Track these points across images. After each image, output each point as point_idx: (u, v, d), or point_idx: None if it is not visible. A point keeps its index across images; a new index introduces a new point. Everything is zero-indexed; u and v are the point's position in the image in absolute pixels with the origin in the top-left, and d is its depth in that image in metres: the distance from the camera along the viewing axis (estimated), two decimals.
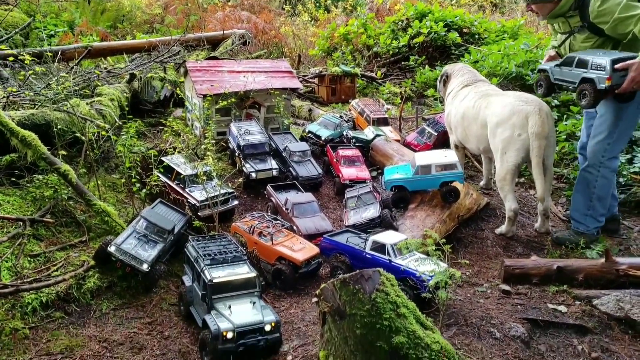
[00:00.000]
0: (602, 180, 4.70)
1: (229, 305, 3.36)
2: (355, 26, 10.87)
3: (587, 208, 4.82)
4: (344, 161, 5.85)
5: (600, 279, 4.16)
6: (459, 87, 5.66)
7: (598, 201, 4.77)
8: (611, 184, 4.79)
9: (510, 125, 4.79)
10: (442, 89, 6.08)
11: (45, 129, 4.86)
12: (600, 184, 4.71)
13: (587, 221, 4.86)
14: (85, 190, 4.41)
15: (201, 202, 4.77)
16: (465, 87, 5.61)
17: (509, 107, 4.83)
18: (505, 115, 4.83)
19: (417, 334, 2.70)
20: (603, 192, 4.74)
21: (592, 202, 4.78)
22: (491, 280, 4.46)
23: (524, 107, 4.75)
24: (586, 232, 4.87)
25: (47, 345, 3.36)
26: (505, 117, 4.83)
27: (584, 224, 4.88)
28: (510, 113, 4.80)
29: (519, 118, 4.74)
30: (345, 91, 8.88)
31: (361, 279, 2.74)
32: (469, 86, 5.62)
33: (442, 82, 6.06)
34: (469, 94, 5.47)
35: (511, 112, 4.80)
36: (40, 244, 4.16)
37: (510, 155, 4.83)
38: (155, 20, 12.56)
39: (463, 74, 5.79)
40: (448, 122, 5.81)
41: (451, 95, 5.73)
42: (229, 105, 5.99)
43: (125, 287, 3.98)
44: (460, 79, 5.73)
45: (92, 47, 7.85)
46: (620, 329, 3.75)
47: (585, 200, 4.81)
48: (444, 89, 6.00)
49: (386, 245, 3.99)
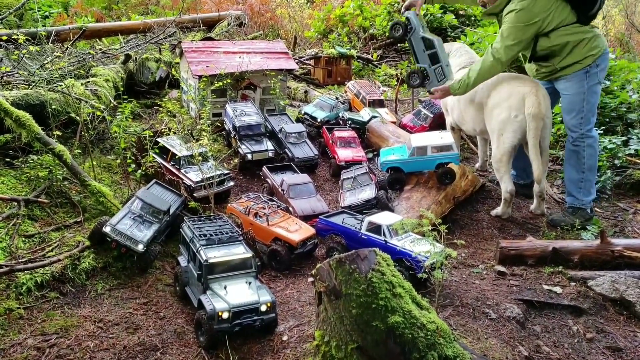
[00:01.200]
0: (589, 149, 4.79)
1: (224, 286, 3.35)
2: (351, 8, 10.75)
3: (580, 180, 4.89)
4: (339, 143, 5.83)
5: (596, 260, 4.19)
6: (456, 68, 5.62)
7: (589, 171, 4.86)
8: (596, 152, 4.87)
9: (507, 106, 4.81)
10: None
11: (40, 109, 4.81)
12: (589, 153, 4.80)
13: (581, 194, 4.92)
14: (80, 170, 4.38)
15: (197, 183, 4.75)
16: (462, 69, 5.56)
17: (505, 89, 4.86)
18: (502, 97, 4.85)
19: (412, 313, 2.70)
20: (592, 162, 4.84)
21: (584, 173, 4.85)
22: (487, 261, 4.47)
23: (520, 89, 4.78)
24: (581, 206, 4.91)
25: (42, 326, 3.35)
26: (502, 98, 4.85)
27: (578, 199, 4.93)
28: (507, 94, 4.83)
29: (516, 99, 4.77)
30: (341, 73, 8.81)
31: (357, 258, 2.73)
32: (465, 68, 5.57)
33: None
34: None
35: (508, 93, 4.82)
36: (35, 225, 4.14)
37: (507, 136, 4.85)
38: (150, 1, 12.37)
39: (461, 55, 5.76)
40: (444, 103, 5.80)
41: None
42: (224, 86, 5.93)
43: (120, 267, 3.97)
44: (457, 60, 5.69)
45: (87, 28, 7.73)
46: (615, 310, 3.78)
47: (578, 173, 4.88)
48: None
49: (382, 226, 3.99)
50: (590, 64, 4.66)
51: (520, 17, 4.57)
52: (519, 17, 4.58)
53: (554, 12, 4.56)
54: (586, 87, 4.71)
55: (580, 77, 4.71)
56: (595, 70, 4.69)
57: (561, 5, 4.57)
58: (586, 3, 4.56)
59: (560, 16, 4.58)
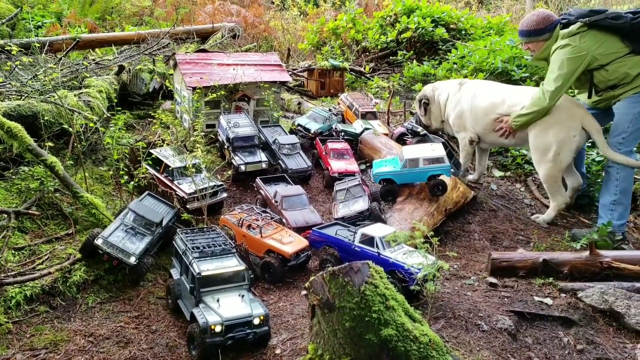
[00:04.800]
0: (623, 172, 4.82)
1: (217, 299, 3.34)
2: (344, 21, 10.85)
3: (612, 202, 4.88)
4: (333, 154, 5.85)
5: (585, 272, 4.22)
6: (454, 90, 5.85)
7: (622, 194, 4.85)
8: (631, 176, 4.88)
9: (567, 126, 4.97)
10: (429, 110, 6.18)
11: (32, 120, 4.79)
12: (622, 176, 4.82)
13: (610, 217, 4.90)
14: (72, 182, 4.36)
15: (190, 195, 4.74)
16: (462, 86, 5.82)
17: (564, 111, 5.01)
18: (562, 118, 5.00)
19: (405, 326, 2.71)
20: (626, 184, 4.84)
21: (617, 196, 4.85)
22: (478, 273, 4.50)
23: (577, 111, 5.00)
24: (612, 230, 4.84)
25: (30, 340, 3.32)
26: (562, 119, 5.00)
27: (605, 219, 4.90)
28: (567, 116, 4.99)
29: (575, 121, 4.95)
30: (334, 85, 8.86)
31: (350, 271, 2.75)
32: (463, 84, 5.85)
33: (423, 106, 6.19)
34: (478, 90, 5.63)
35: (568, 115, 4.99)
36: (25, 237, 4.11)
37: (565, 155, 5.03)
38: (144, 12, 12.39)
39: (442, 85, 6.11)
40: (460, 122, 5.82)
41: (452, 100, 5.87)
42: (218, 98, 5.95)
43: (112, 280, 3.95)
44: (446, 87, 6.01)
45: (80, 38, 7.73)
46: (605, 321, 3.81)
47: (610, 195, 4.89)
48: (433, 106, 6.12)
49: (375, 238, 4.00)
50: None
51: (566, 52, 4.73)
52: (565, 52, 4.73)
53: (603, 46, 4.66)
54: (637, 110, 4.73)
55: (634, 100, 4.75)
56: None
57: (610, 38, 4.65)
58: (638, 34, 4.61)
59: (611, 49, 4.66)
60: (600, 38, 4.67)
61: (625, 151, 4.80)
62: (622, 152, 4.80)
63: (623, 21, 4.57)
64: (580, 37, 4.69)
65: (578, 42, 4.69)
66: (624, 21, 4.57)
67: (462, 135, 5.88)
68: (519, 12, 13.88)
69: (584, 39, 4.68)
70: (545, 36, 4.93)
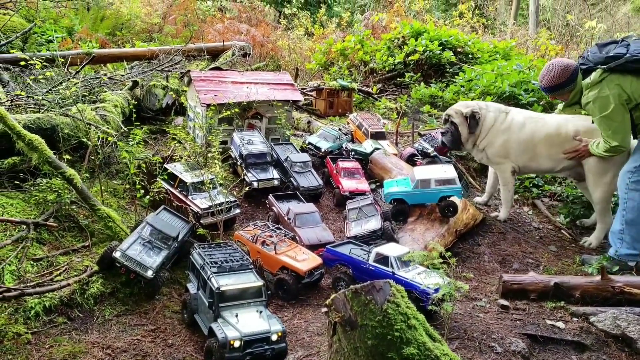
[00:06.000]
0: (631, 202, 4.70)
1: (235, 314, 3.36)
2: (352, 42, 11.03)
3: (620, 232, 4.80)
4: (344, 173, 5.92)
5: (597, 296, 4.25)
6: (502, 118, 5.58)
7: (629, 225, 4.73)
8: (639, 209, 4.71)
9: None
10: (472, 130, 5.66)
11: (51, 133, 4.86)
12: (630, 207, 4.71)
13: (618, 245, 4.82)
14: (89, 195, 4.40)
15: (204, 210, 4.79)
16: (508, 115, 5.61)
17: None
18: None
19: (427, 345, 2.74)
20: (633, 216, 4.70)
21: (624, 226, 4.76)
22: (489, 295, 4.52)
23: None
24: (615, 256, 4.81)
25: (49, 351, 3.33)
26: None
27: (614, 248, 4.84)
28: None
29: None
30: (342, 105, 8.98)
31: (372, 289, 2.79)
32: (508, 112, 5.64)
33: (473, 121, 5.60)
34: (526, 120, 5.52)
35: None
36: (44, 248, 4.14)
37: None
38: (153, 29, 12.59)
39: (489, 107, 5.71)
40: (504, 152, 5.58)
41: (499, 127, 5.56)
42: (231, 115, 6.04)
43: (128, 293, 3.97)
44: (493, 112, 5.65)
45: (94, 54, 7.86)
46: (617, 347, 3.82)
47: (619, 224, 4.82)
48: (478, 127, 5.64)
49: (390, 257, 4.04)
50: None
51: (598, 106, 4.63)
52: (598, 106, 4.63)
53: (632, 85, 4.53)
54: None
55: None
56: None
57: (635, 79, 4.52)
58: None
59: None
60: (626, 79, 4.54)
61: (637, 180, 4.69)
62: (632, 180, 4.71)
63: None
64: (606, 84, 4.57)
65: (607, 90, 4.56)
66: None
67: (504, 167, 5.64)
68: (524, 37, 14.12)
69: (610, 84, 4.56)
70: (570, 87, 4.85)
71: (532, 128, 5.48)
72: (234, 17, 14.42)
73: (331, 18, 17.30)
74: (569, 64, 4.82)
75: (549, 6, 18.38)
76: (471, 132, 5.62)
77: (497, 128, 5.56)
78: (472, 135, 5.65)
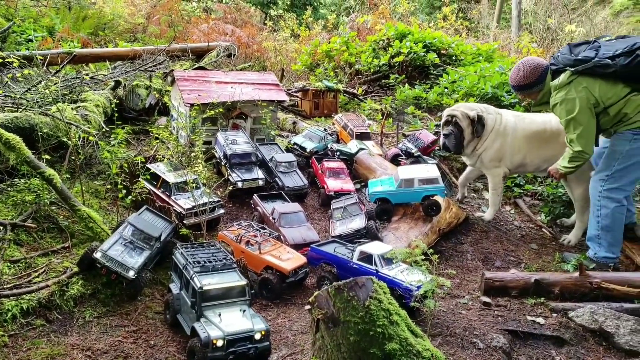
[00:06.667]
0: (605, 210, 4.71)
1: (219, 313, 3.34)
2: (337, 44, 11.07)
3: (597, 237, 4.84)
4: (329, 173, 5.93)
5: (575, 292, 4.32)
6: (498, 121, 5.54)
7: (604, 231, 4.75)
8: (614, 215, 4.70)
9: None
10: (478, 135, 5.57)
11: (29, 133, 4.78)
12: (604, 214, 4.71)
13: (597, 249, 4.85)
14: (70, 195, 4.34)
15: (187, 210, 4.75)
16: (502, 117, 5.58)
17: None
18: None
19: (409, 341, 2.76)
20: (607, 223, 4.71)
21: (600, 232, 4.78)
22: (472, 292, 4.57)
23: None
24: (593, 258, 4.85)
25: (27, 354, 3.27)
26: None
27: (596, 253, 4.86)
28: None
29: None
30: (327, 106, 9.00)
31: (355, 286, 2.80)
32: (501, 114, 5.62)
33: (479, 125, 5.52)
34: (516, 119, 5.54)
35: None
36: (21, 250, 4.07)
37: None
38: (137, 29, 12.48)
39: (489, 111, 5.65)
40: (499, 156, 5.56)
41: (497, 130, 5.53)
42: (216, 115, 6.01)
43: (109, 294, 3.92)
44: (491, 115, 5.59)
45: (75, 53, 7.76)
46: (595, 341, 3.89)
47: (594, 229, 4.85)
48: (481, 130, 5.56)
49: (373, 255, 4.06)
50: None
51: (565, 108, 4.59)
52: (565, 108, 4.58)
53: (599, 89, 4.51)
54: (627, 147, 4.59)
55: (627, 137, 4.60)
56: None
57: (603, 83, 4.51)
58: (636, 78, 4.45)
59: (609, 93, 4.51)
60: (595, 82, 4.52)
61: (610, 188, 4.69)
62: (604, 188, 4.71)
63: (613, 70, 4.41)
64: (574, 86, 4.54)
65: (574, 92, 4.53)
66: (614, 69, 4.40)
67: (497, 172, 5.61)
68: (506, 40, 14.30)
69: (578, 87, 4.53)
70: (539, 87, 4.78)
71: (522, 127, 5.56)
72: (219, 18, 14.38)
73: (317, 20, 17.35)
74: (539, 63, 4.75)
75: (530, 10, 18.66)
76: (477, 136, 5.53)
77: (496, 130, 5.52)
78: (474, 139, 5.57)
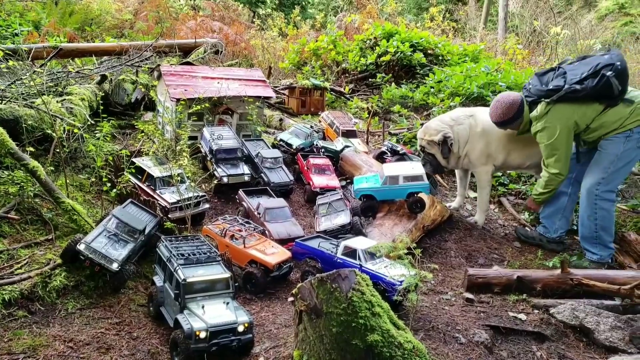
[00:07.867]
0: (602, 212, 4.91)
1: (202, 305, 3.34)
2: (325, 42, 11.10)
3: (594, 238, 5.00)
4: (314, 169, 5.95)
5: (557, 289, 4.39)
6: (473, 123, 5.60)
7: (602, 231, 4.95)
8: (610, 214, 4.94)
9: None
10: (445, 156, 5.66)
11: (13, 125, 4.73)
12: (601, 215, 4.92)
13: (597, 249, 5.01)
14: (54, 187, 4.30)
15: (172, 204, 4.74)
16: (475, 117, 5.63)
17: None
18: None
19: (390, 332, 2.79)
20: (605, 223, 4.93)
21: (597, 232, 4.97)
22: (455, 288, 4.62)
23: None
24: (600, 261, 5.00)
25: (8, 345, 3.24)
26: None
27: (596, 254, 5.02)
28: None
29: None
30: (314, 104, 9.03)
31: (338, 278, 2.82)
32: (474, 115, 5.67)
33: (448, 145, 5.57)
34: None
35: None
36: (4, 241, 4.02)
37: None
38: (124, 25, 12.37)
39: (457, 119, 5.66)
40: (486, 153, 5.63)
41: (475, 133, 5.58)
42: (202, 111, 5.99)
43: (92, 286, 3.90)
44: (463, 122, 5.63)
45: (62, 47, 7.67)
46: (576, 337, 3.96)
47: (592, 231, 5.00)
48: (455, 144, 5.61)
49: (357, 250, 4.08)
50: (632, 129, 4.77)
51: (546, 134, 4.88)
52: (546, 134, 4.88)
53: (577, 112, 4.78)
54: (621, 149, 4.81)
55: (620, 140, 4.81)
56: (637, 136, 4.78)
57: (578, 106, 4.76)
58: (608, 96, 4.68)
59: (587, 113, 4.79)
60: (571, 107, 4.78)
61: (605, 190, 4.88)
62: (600, 191, 4.89)
63: (584, 93, 4.66)
64: (552, 114, 4.83)
65: (554, 120, 4.81)
66: (584, 93, 4.66)
67: (485, 169, 5.70)
68: (493, 41, 14.45)
69: (556, 115, 4.81)
70: (519, 121, 5.12)
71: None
72: (207, 16, 14.32)
73: (305, 19, 17.36)
74: (514, 100, 5.04)
75: (517, 13, 18.88)
76: (444, 157, 5.65)
77: (474, 134, 5.58)
78: (450, 155, 5.65)
